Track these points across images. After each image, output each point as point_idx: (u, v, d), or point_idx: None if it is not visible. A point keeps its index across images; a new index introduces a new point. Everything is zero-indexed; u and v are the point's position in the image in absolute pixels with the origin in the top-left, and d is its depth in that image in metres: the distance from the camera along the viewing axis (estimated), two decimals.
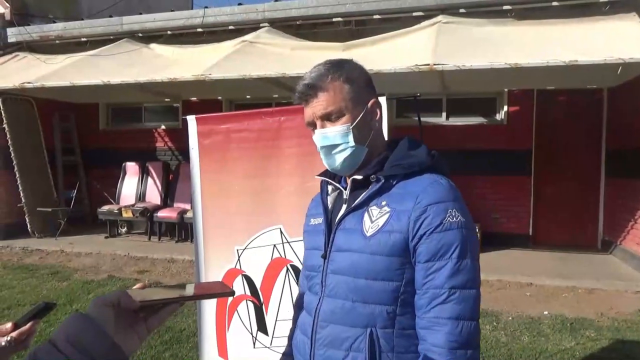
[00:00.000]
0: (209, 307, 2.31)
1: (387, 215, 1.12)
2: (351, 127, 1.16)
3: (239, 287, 2.25)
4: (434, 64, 4.64)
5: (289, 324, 2.19)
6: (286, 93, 6.95)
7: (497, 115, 7.26)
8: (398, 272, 1.10)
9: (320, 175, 1.30)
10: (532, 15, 5.56)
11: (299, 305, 1.38)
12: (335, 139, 1.16)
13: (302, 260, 1.42)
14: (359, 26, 6.40)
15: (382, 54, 5.27)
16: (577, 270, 5.61)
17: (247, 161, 2.25)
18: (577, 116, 6.92)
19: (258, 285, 2.21)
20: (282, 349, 2.18)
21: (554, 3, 5.50)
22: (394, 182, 1.16)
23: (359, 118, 1.17)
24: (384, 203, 1.14)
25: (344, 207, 1.21)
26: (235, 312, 2.26)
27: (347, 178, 1.25)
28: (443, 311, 1.05)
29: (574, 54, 4.47)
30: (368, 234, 1.12)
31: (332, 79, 1.16)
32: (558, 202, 6.92)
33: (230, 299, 2.26)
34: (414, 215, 1.09)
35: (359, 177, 1.18)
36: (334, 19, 6.39)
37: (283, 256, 2.17)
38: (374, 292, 1.10)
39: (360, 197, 1.18)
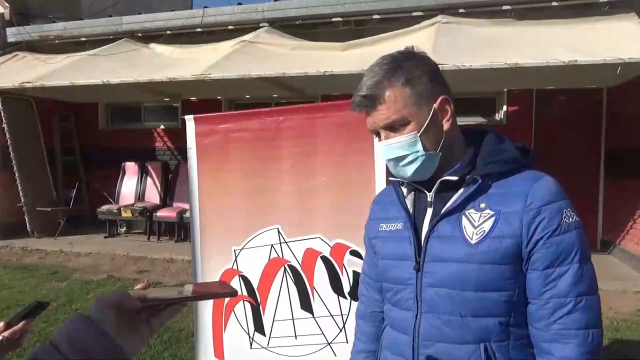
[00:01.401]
0: (206, 307, 2.31)
1: (492, 219, 1.01)
2: (419, 135, 1.03)
3: (236, 287, 2.24)
4: None
5: (287, 324, 2.21)
6: (286, 93, 6.95)
7: (497, 115, 7.26)
8: (510, 280, 1.00)
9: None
10: (531, 15, 5.56)
11: (363, 317, 1.29)
12: (402, 150, 1.04)
13: (364, 269, 1.31)
14: (359, 26, 6.40)
15: (381, 54, 5.25)
16: None
17: (245, 161, 2.24)
18: (576, 116, 6.92)
19: (255, 285, 2.21)
20: (280, 350, 2.20)
21: (554, 3, 5.50)
22: (491, 182, 1.04)
23: (427, 122, 1.04)
24: (482, 205, 1.03)
25: (430, 210, 1.10)
26: (232, 312, 2.25)
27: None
28: (571, 321, 0.97)
29: (574, 54, 4.46)
30: (473, 241, 1.01)
31: (390, 84, 1.03)
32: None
33: (227, 299, 2.26)
34: (526, 218, 0.99)
35: (454, 178, 1.05)
36: (334, 19, 6.39)
37: (281, 256, 2.17)
38: (485, 304, 1.00)
39: (453, 199, 1.06)
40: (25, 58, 7.45)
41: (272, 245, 2.17)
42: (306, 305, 2.12)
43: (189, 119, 2.35)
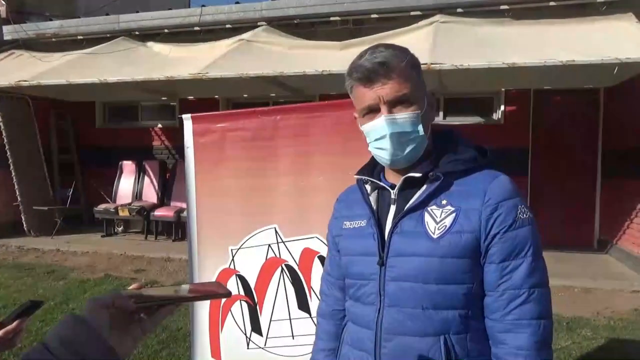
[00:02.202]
0: (203, 307, 2.30)
1: (453, 215, 1.05)
2: (420, 115, 1.08)
3: (233, 287, 2.23)
4: (432, 64, 4.64)
5: (284, 324, 2.21)
6: (283, 92, 6.95)
7: (494, 114, 7.27)
8: (469, 274, 1.05)
9: (358, 173, 1.20)
10: (529, 15, 5.57)
11: (323, 316, 1.31)
12: (405, 126, 1.07)
13: (326, 267, 1.32)
14: (357, 25, 6.40)
15: None
16: (573, 269, 5.62)
17: (242, 160, 2.24)
18: (573, 116, 6.93)
19: (252, 285, 2.20)
20: (277, 350, 2.19)
21: (551, 3, 5.51)
22: (452, 180, 1.09)
23: (425, 107, 1.09)
24: (444, 202, 1.07)
25: (393, 207, 1.13)
26: (229, 312, 2.25)
27: (385, 177, 1.18)
28: (525, 312, 1.02)
29: (571, 54, 4.47)
30: (435, 236, 1.05)
31: (402, 60, 1.06)
32: (554, 201, 6.92)
33: (223, 299, 2.25)
34: (485, 214, 1.04)
35: (417, 174, 1.09)
36: (332, 18, 6.39)
37: (278, 256, 2.16)
38: (446, 297, 1.04)
39: (416, 196, 1.09)
40: (21, 56, 7.42)
41: (269, 245, 2.17)
42: (303, 305, 2.12)
43: (186, 118, 2.34)
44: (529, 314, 1.02)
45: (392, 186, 1.14)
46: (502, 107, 7.11)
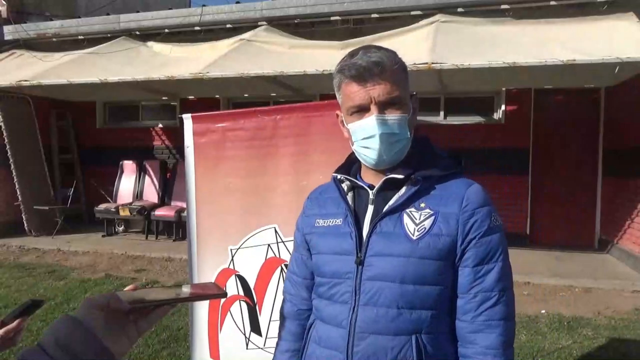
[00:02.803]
0: (202, 307, 2.30)
1: (432, 218, 1.09)
2: (408, 119, 1.11)
3: (232, 287, 2.23)
4: (432, 63, 4.64)
5: None
6: (284, 92, 6.95)
7: (495, 114, 7.26)
8: (444, 275, 1.08)
9: (337, 172, 1.21)
10: (530, 15, 5.56)
11: (289, 316, 1.30)
12: (395, 128, 1.09)
13: (291, 267, 1.32)
14: (357, 25, 6.40)
15: None
16: (574, 269, 5.61)
17: (242, 160, 2.23)
18: (574, 115, 6.93)
19: (252, 285, 2.20)
20: None
21: (552, 2, 5.51)
22: (429, 184, 1.12)
23: (411, 111, 1.13)
24: (422, 205, 1.10)
25: (371, 208, 1.14)
26: (228, 312, 2.24)
27: (361, 177, 1.19)
28: (495, 313, 1.06)
29: (572, 54, 4.47)
30: (414, 237, 1.08)
31: (394, 62, 1.09)
32: (555, 201, 6.92)
33: (222, 299, 2.25)
34: (462, 219, 1.08)
35: (399, 176, 1.11)
36: (332, 18, 6.38)
37: (277, 256, 2.16)
38: (421, 297, 1.07)
39: (396, 198, 1.12)
40: (22, 56, 7.43)
41: (268, 245, 2.17)
42: None
43: (186, 118, 2.34)
44: (498, 315, 1.06)
45: (370, 187, 1.15)
46: (503, 107, 7.10)
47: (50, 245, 7.00)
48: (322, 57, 5.46)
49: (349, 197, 1.18)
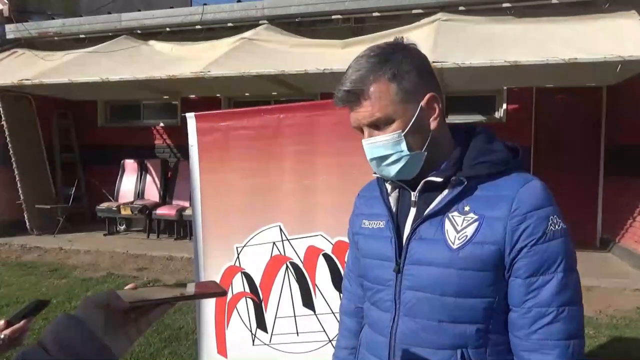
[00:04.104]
0: (208, 304, 2.31)
1: (475, 224, 0.97)
2: (403, 134, 0.98)
3: (238, 284, 2.25)
4: (433, 62, 4.63)
5: (289, 321, 2.21)
6: (285, 90, 6.95)
7: (497, 113, 7.26)
8: (491, 287, 0.97)
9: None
10: (531, 13, 5.55)
11: (346, 313, 1.27)
12: (386, 150, 0.99)
13: (348, 263, 1.28)
14: (359, 23, 6.40)
15: None
16: None
17: (246, 159, 2.24)
18: (576, 114, 6.92)
19: (257, 282, 2.21)
20: (282, 347, 2.20)
21: (554, 1, 5.51)
22: (477, 184, 1.00)
23: (413, 121, 0.99)
24: (467, 208, 0.99)
25: (413, 210, 1.05)
26: (235, 309, 2.26)
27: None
28: (552, 332, 0.94)
29: (574, 52, 4.46)
30: (455, 246, 0.98)
31: (375, 79, 0.97)
32: (557, 199, 6.84)
33: (229, 296, 2.26)
34: (511, 225, 0.95)
35: (438, 179, 1.01)
36: (333, 17, 6.38)
37: (282, 254, 2.17)
38: (464, 311, 0.98)
39: (437, 201, 1.02)
40: (24, 55, 7.43)
41: (274, 243, 2.18)
42: (308, 302, 2.13)
43: (190, 117, 2.35)
44: (556, 335, 0.94)
45: (414, 187, 1.05)
46: (505, 106, 7.10)
47: (52, 244, 7.00)
48: (324, 56, 5.46)
49: (393, 197, 1.10)
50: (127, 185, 8.26)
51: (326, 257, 2.08)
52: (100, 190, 8.24)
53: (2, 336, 1.01)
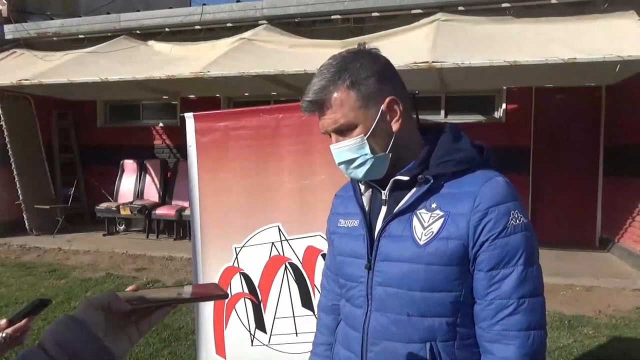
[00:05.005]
0: (207, 305, 2.31)
1: (441, 220, 1.01)
2: (365, 138, 1.03)
3: (237, 285, 2.24)
4: (433, 62, 4.63)
5: (288, 322, 2.21)
6: (284, 90, 6.94)
7: (496, 113, 7.26)
8: (457, 281, 1.01)
9: None
10: (530, 13, 5.56)
11: (324, 310, 1.30)
12: (351, 153, 1.04)
13: (327, 262, 1.32)
14: (358, 24, 6.39)
15: (381, 52, 5.26)
16: (575, 267, 5.62)
17: (245, 159, 2.24)
18: (575, 114, 6.93)
19: (256, 283, 2.21)
20: (280, 347, 2.20)
21: (553, 1, 5.50)
22: (443, 182, 1.04)
23: (374, 125, 1.03)
24: (434, 205, 1.03)
25: (384, 209, 1.10)
26: (233, 309, 2.26)
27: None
28: (512, 323, 0.98)
29: (573, 52, 4.46)
30: (421, 242, 1.02)
31: (335, 88, 1.02)
32: (556, 199, 6.92)
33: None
34: (473, 220, 0.99)
35: (405, 177, 1.05)
36: (333, 17, 6.38)
37: (281, 254, 2.17)
38: (432, 305, 1.02)
39: (405, 199, 1.06)
40: (23, 55, 7.42)
41: (272, 243, 2.18)
42: (307, 302, 2.13)
43: (189, 117, 2.35)
44: (517, 325, 0.98)
45: (385, 186, 1.10)
46: (504, 106, 7.10)
47: (51, 245, 7.00)
48: (323, 56, 5.37)
49: (366, 196, 1.14)
50: (127, 185, 8.25)
51: (325, 257, 2.08)
52: (99, 191, 8.24)
53: (3, 335, 1.01)
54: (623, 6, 5.22)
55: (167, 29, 7.18)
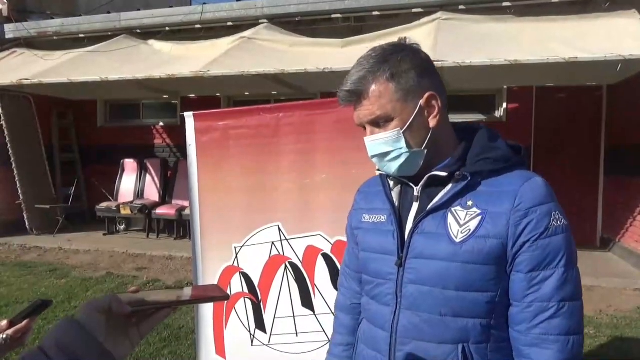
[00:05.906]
0: (207, 305, 2.30)
1: (478, 218, 0.99)
2: (402, 132, 1.01)
3: (237, 284, 2.24)
4: (433, 61, 4.62)
5: (288, 322, 2.20)
6: (285, 89, 6.94)
7: (497, 112, 7.25)
8: (493, 281, 0.99)
9: None
10: (531, 12, 5.54)
11: (342, 309, 1.27)
12: (386, 147, 1.03)
13: (345, 259, 1.29)
14: (358, 22, 6.38)
15: None
16: None
17: (245, 158, 2.23)
18: (576, 113, 6.91)
19: (256, 282, 2.20)
20: (280, 347, 2.19)
21: (554, 0, 5.49)
22: (480, 179, 1.02)
23: (412, 119, 1.01)
24: (470, 203, 1.01)
25: (415, 205, 1.07)
26: (233, 309, 2.25)
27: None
28: (552, 327, 0.96)
29: (574, 51, 4.45)
30: (458, 240, 0.99)
31: (375, 79, 1.00)
32: (557, 199, 6.91)
33: None
34: (514, 219, 0.97)
35: (443, 173, 1.03)
36: (333, 16, 6.37)
37: (281, 253, 2.16)
38: (466, 305, 0.99)
39: (440, 195, 1.04)
40: (23, 55, 7.42)
41: (272, 243, 2.17)
42: (307, 302, 2.12)
43: (188, 116, 2.34)
44: (557, 329, 0.96)
45: (417, 182, 1.07)
46: (504, 105, 7.09)
47: (52, 244, 7.00)
48: (323, 55, 5.45)
49: (395, 192, 1.12)
50: (127, 184, 8.25)
51: (325, 257, 2.08)
52: (99, 190, 8.24)
53: (4, 336, 1.01)
54: (624, 5, 5.21)
55: (167, 28, 7.17)
